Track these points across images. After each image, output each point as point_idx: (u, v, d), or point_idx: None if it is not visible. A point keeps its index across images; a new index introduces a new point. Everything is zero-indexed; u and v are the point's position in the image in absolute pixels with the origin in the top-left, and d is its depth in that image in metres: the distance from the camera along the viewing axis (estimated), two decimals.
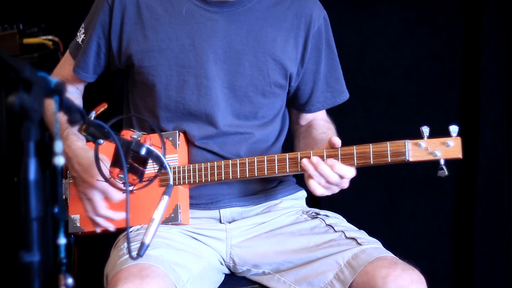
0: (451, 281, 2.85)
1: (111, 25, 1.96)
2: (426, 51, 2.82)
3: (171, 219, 1.90)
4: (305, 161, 1.79)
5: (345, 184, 1.80)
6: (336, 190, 1.81)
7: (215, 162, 1.90)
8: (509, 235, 2.76)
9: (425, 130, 1.72)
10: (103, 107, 1.77)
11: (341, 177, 1.77)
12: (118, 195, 1.85)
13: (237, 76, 1.95)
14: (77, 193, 1.93)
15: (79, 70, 2.04)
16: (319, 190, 1.79)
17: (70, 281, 1.23)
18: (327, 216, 1.97)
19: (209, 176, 1.89)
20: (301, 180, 2.16)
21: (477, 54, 2.73)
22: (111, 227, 1.92)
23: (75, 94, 2.10)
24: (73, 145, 1.91)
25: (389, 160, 1.74)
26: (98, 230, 1.94)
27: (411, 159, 1.74)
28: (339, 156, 1.78)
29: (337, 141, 1.79)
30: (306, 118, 2.13)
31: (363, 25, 2.83)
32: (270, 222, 1.97)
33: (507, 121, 2.73)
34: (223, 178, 1.89)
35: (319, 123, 2.10)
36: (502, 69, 2.72)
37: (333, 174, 1.76)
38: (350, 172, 1.77)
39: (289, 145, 2.14)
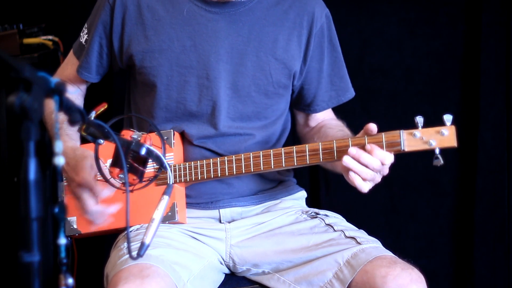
0: (451, 281, 2.84)
1: (113, 25, 1.96)
2: (426, 51, 2.81)
3: (168, 217, 1.90)
4: (346, 158, 1.73)
5: (386, 171, 1.75)
6: (378, 178, 1.76)
7: (211, 159, 1.89)
8: (509, 235, 2.76)
9: (420, 120, 1.71)
10: (103, 107, 1.77)
11: (382, 163, 1.73)
12: (104, 191, 1.81)
13: (239, 76, 1.95)
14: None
15: (82, 70, 2.04)
16: (365, 185, 1.74)
17: (70, 281, 1.23)
18: (326, 215, 1.97)
19: (205, 174, 1.89)
20: (301, 180, 2.16)
21: (477, 54, 2.72)
22: (107, 222, 1.85)
23: (75, 93, 2.10)
24: (63, 146, 1.90)
25: (385, 151, 1.73)
26: (93, 228, 1.91)
27: (406, 149, 1.73)
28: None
29: (374, 127, 1.75)
30: (315, 118, 2.12)
31: (363, 25, 2.83)
32: (269, 222, 1.97)
33: (507, 121, 2.73)
34: (219, 175, 1.88)
35: (332, 122, 2.09)
36: (502, 69, 2.72)
37: (374, 160, 1.71)
38: (389, 157, 1.73)
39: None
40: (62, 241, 1.21)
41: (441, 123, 1.71)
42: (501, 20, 2.71)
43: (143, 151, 1.62)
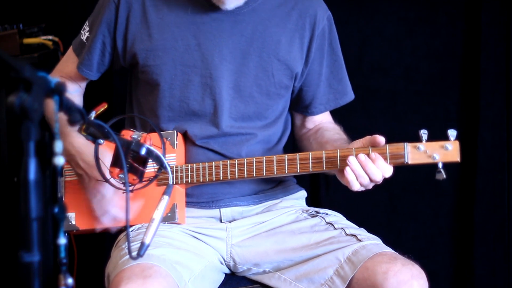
0: (451, 281, 2.84)
1: (117, 23, 1.96)
2: (426, 51, 2.81)
3: (168, 218, 1.90)
4: (352, 159, 1.74)
5: (380, 181, 1.76)
6: (370, 186, 1.78)
7: (213, 162, 1.89)
8: (509, 235, 2.76)
9: (424, 133, 1.73)
10: (103, 107, 1.77)
11: (382, 175, 1.74)
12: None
13: (241, 76, 1.95)
14: (83, 191, 1.93)
15: (83, 67, 2.04)
16: (357, 186, 1.75)
17: (70, 281, 1.23)
18: (327, 214, 1.97)
19: (206, 176, 1.89)
20: (301, 180, 2.16)
21: (477, 54, 2.72)
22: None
23: (75, 93, 2.09)
24: (75, 141, 1.90)
25: (388, 163, 1.75)
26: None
27: (410, 162, 1.74)
28: (338, 158, 1.77)
29: (382, 140, 1.75)
30: (313, 120, 2.12)
31: (363, 24, 2.83)
32: (270, 221, 1.97)
33: (507, 121, 2.73)
34: (221, 178, 1.89)
35: (329, 125, 2.09)
36: (502, 69, 2.72)
37: (378, 171, 1.73)
38: (389, 170, 1.75)
39: (290, 148, 2.13)
40: (62, 241, 1.21)
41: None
42: (501, 20, 2.71)
43: (143, 151, 1.62)
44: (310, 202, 2.18)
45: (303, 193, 2.12)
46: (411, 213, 2.85)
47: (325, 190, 2.83)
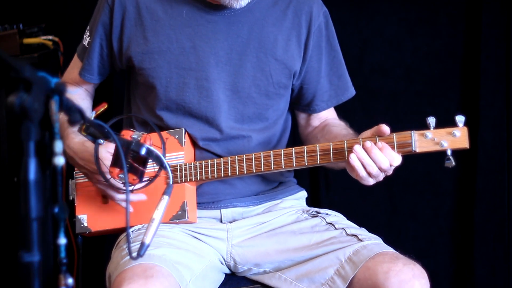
0: (451, 281, 2.84)
1: (112, 26, 1.96)
2: (426, 51, 2.81)
3: (178, 216, 1.89)
4: (357, 147, 1.71)
5: (391, 172, 1.74)
6: (381, 178, 1.75)
7: (221, 159, 1.89)
8: (509, 235, 2.76)
9: (431, 120, 1.70)
10: (103, 107, 1.78)
11: (390, 163, 1.71)
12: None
13: (239, 77, 1.94)
14: (96, 191, 1.94)
15: (85, 72, 2.04)
16: (368, 179, 1.73)
17: (70, 281, 1.23)
18: (327, 214, 1.97)
19: (215, 173, 1.89)
20: (301, 181, 2.16)
21: (477, 54, 2.72)
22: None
23: (75, 93, 2.10)
24: (71, 143, 1.91)
25: (396, 151, 1.72)
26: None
27: (417, 150, 1.71)
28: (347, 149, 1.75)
29: (387, 129, 1.73)
30: (318, 117, 2.10)
31: (363, 25, 2.83)
32: (270, 221, 1.97)
33: (507, 121, 2.73)
34: (229, 174, 1.88)
35: (335, 121, 2.08)
36: (502, 69, 2.72)
37: (384, 158, 1.70)
38: (397, 159, 1.71)
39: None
40: (62, 241, 1.21)
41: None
42: (501, 20, 2.71)
43: (143, 151, 1.62)
44: (310, 202, 2.17)
45: (303, 194, 2.12)
46: (411, 213, 2.85)
47: (326, 191, 2.83)
